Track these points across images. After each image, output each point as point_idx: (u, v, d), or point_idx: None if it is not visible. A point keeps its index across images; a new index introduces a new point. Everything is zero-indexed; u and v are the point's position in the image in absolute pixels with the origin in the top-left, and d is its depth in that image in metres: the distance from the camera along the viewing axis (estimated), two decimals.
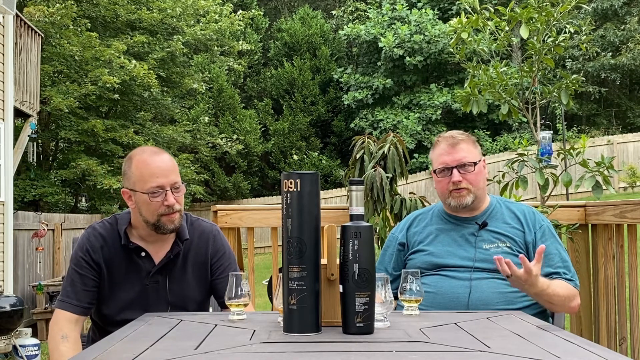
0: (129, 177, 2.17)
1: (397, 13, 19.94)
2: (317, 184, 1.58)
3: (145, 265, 2.21)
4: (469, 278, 2.24)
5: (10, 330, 6.80)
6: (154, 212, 2.14)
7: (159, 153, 2.21)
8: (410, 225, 2.48)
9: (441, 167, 2.35)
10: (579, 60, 19.47)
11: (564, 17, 3.72)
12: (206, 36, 15.07)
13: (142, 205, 2.15)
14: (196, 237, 2.29)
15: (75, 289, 2.19)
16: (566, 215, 3.41)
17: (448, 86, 19.80)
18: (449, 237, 2.36)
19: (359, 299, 1.53)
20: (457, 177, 2.31)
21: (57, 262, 9.96)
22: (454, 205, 2.34)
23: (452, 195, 2.34)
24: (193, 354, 1.35)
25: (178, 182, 2.17)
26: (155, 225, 2.15)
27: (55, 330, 2.15)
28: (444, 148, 2.37)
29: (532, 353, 1.34)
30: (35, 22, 11.15)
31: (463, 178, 2.32)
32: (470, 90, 3.84)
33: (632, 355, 3.09)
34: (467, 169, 2.33)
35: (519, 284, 2.08)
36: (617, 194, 14.65)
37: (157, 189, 2.12)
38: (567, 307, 2.23)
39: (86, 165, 11.97)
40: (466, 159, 2.33)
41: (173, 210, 2.14)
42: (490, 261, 2.21)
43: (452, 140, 2.36)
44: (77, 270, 2.20)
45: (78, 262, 2.21)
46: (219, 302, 2.30)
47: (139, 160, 2.17)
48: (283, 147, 20.17)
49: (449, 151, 2.35)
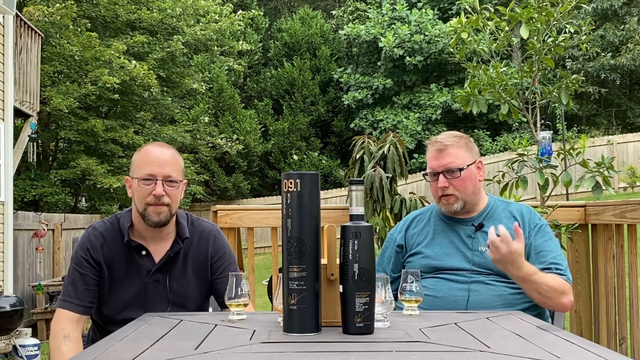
0: (132, 164, 2.24)
1: (397, 13, 19.95)
2: (317, 184, 1.58)
3: (145, 263, 2.22)
4: (467, 281, 2.23)
5: (10, 330, 6.80)
6: (142, 200, 2.17)
7: (163, 147, 2.27)
8: (408, 227, 2.47)
9: (429, 172, 2.37)
10: (579, 60, 19.47)
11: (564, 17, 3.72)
12: (206, 36, 15.07)
13: (134, 191, 2.20)
14: (197, 237, 2.30)
15: (77, 288, 2.19)
16: (566, 215, 3.41)
17: (448, 86, 19.81)
18: (446, 238, 2.35)
19: (358, 299, 1.53)
20: (442, 183, 2.31)
21: (57, 262, 9.96)
22: (442, 210, 2.37)
23: (441, 201, 2.35)
24: (193, 354, 1.35)
25: (172, 176, 2.19)
26: (142, 214, 2.19)
27: (57, 329, 2.15)
28: (432, 153, 2.37)
29: (532, 353, 1.34)
30: (35, 22, 11.15)
31: (450, 184, 2.31)
32: (470, 90, 3.84)
33: (632, 355, 3.09)
34: (454, 174, 2.31)
35: (503, 264, 2.07)
36: (617, 194, 14.65)
37: (148, 176, 2.16)
38: (559, 301, 2.17)
39: (86, 165, 11.98)
40: (452, 165, 2.31)
41: (160, 202, 2.16)
42: (488, 264, 2.21)
43: (440, 145, 2.35)
44: (78, 269, 2.21)
45: (79, 261, 2.22)
46: (219, 302, 2.31)
47: (144, 149, 2.26)
48: (283, 147, 20.17)
49: (436, 156, 2.35)
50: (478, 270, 2.25)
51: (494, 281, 2.22)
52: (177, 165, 2.23)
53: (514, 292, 2.19)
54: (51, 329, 2.18)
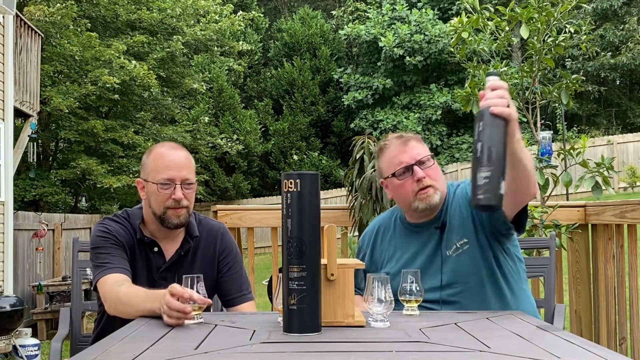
0: (145, 167, 2.22)
1: (397, 13, 19.94)
2: (317, 184, 1.58)
3: (156, 261, 2.21)
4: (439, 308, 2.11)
5: (10, 330, 6.80)
6: (161, 204, 2.16)
7: (177, 148, 2.26)
8: (374, 242, 2.32)
9: (401, 168, 2.14)
10: (579, 60, 19.48)
11: (564, 17, 3.72)
12: (206, 36, 15.07)
13: (151, 195, 2.18)
14: (205, 235, 2.30)
15: (113, 257, 2.12)
16: (566, 215, 3.41)
17: (448, 86, 19.81)
18: (413, 253, 2.20)
19: (479, 174, 1.62)
20: (420, 174, 2.12)
21: (57, 262, 9.96)
22: (422, 207, 2.14)
23: (418, 196, 2.13)
24: (193, 354, 1.35)
25: (190, 179, 2.20)
26: (161, 218, 2.17)
27: (107, 289, 2.03)
28: (396, 148, 2.18)
29: (532, 353, 1.34)
30: (35, 22, 11.16)
31: (426, 174, 2.13)
32: (470, 90, 3.85)
33: (632, 355, 3.09)
34: (427, 164, 2.15)
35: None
36: (617, 194, 14.64)
37: (167, 181, 2.15)
38: (534, 181, 1.97)
39: (86, 165, 11.98)
40: (422, 155, 2.16)
41: (180, 205, 2.16)
42: (458, 272, 2.10)
43: (403, 138, 2.19)
44: (106, 246, 2.14)
45: (106, 240, 2.15)
46: (223, 300, 2.31)
47: (157, 152, 2.23)
48: (283, 147, 20.17)
49: (403, 149, 2.16)
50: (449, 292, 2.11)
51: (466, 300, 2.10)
52: (192, 167, 2.24)
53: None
54: (105, 297, 2.05)
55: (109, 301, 2.03)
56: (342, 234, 4.10)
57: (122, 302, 1.96)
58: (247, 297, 2.29)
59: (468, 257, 2.11)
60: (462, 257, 2.12)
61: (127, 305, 1.92)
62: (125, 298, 1.95)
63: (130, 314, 1.89)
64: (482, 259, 2.12)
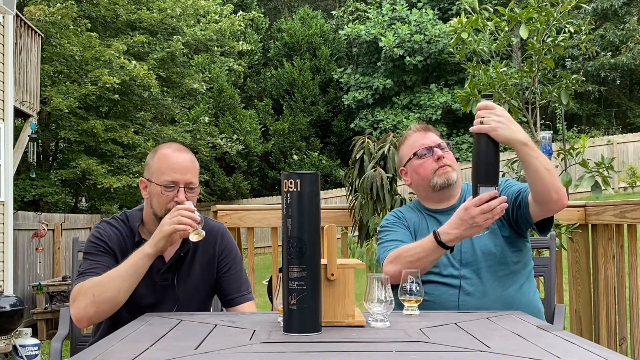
0: (150, 167, 2.22)
1: (397, 13, 19.95)
2: (317, 184, 1.58)
3: (156, 262, 2.21)
4: (457, 285, 2.18)
5: (10, 330, 6.80)
6: (163, 206, 2.16)
7: (183, 151, 2.25)
8: (399, 221, 2.40)
9: (423, 148, 2.34)
10: (579, 60, 19.47)
11: (564, 17, 3.72)
12: (206, 36, 15.07)
13: (154, 196, 2.18)
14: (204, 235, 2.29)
15: (98, 265, 2.12)
16: (566, 215, 3.41)
17: (448, 86, 19.81)
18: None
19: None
20: (440, 153, 2.31)
21: (57, 262, 9.96)
22: (440, 183, 2.28)
23: (437, 173, 2.30)
24: (193, 354, 1.35)
25: (193, 182, 2.20)
26: (161, 219, 2.16)
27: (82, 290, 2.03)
28: (418, 134, 2.40)
29: (532, 353, 1.34)
30: (35, 22, 11.16)
31: (444, 155, 2.32)
32: (470, 90, 3.85)
33: (632, 355, 3.09)
34: (445, 149, 2.35)
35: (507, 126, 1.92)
36: (617, 194, 14.64)
37: (171, 183, 2.15)
38: (560, 186, 2.04)
39: (86, 165, 11.98)
40: (440, 141, 2.37)
41: None
42: (477, 251, 2.19)
43: (422, 126, 2.44)
44: (94, 254, 2.15)
45: (96, 247, 2.16)
46: (223, 300, 2.31)
47: (163, 153, 2.23)
48: (283, 147, 20.17)
49: (424, 135, 2.39)
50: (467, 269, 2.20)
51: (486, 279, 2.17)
52: (196, 170, 2.23)
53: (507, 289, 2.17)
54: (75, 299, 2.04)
55: (83, 298, 2.01)
56: (342, 234, 4.10)
57: (102, 285, 2.00)
58: (247, 297, 2.29)
59: (487, 238, 2.20)
60: (481, 238, 2.19)
61: (111, 280, 1.99)
62: (104, 278, 2.00)
63: (117, 290, 1.97)
64: (501, 241, 2.22)
